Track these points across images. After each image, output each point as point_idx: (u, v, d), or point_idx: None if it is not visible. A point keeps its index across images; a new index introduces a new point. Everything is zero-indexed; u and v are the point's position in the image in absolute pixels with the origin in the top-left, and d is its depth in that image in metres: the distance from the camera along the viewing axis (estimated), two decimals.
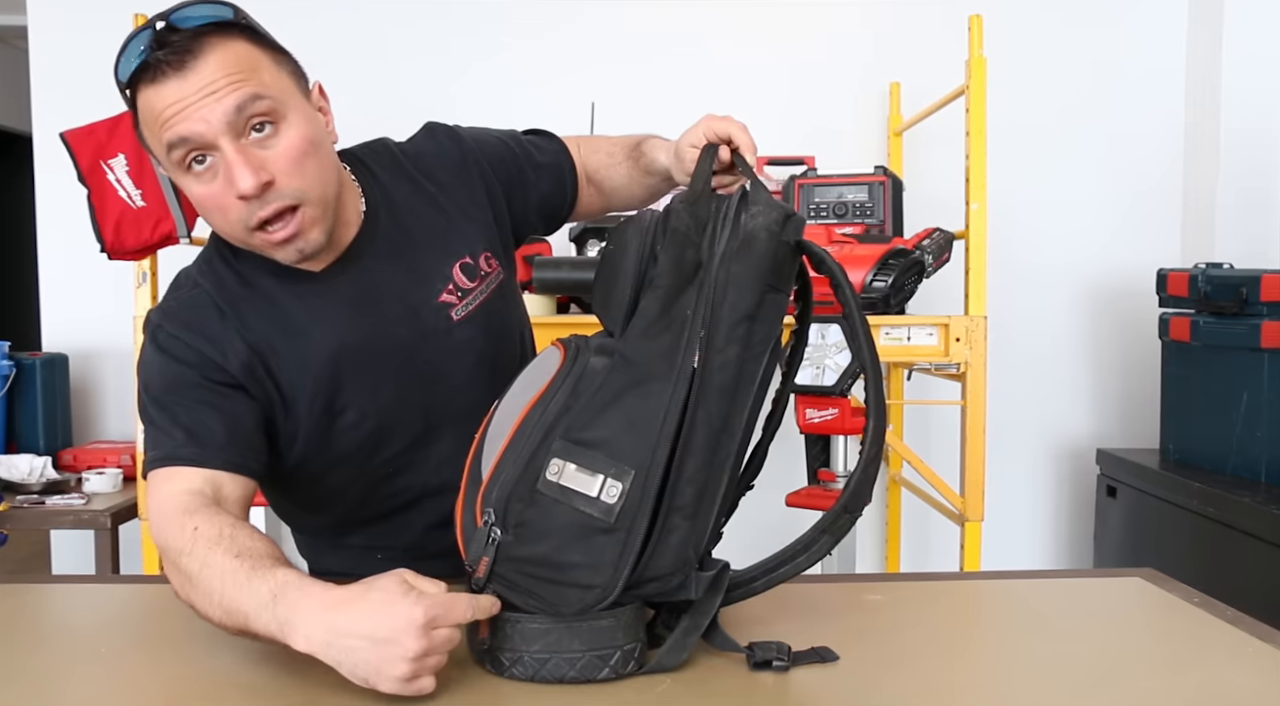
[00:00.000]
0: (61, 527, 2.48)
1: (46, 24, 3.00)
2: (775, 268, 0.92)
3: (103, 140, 2.12)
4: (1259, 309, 2.39)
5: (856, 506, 0.94)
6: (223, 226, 1.07)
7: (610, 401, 0.90)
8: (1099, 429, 3.16)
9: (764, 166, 2.84)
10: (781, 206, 0.93)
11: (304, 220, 1.05)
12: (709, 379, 0.89)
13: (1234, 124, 2.95)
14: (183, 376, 1.08)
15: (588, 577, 0.87)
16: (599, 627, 0.88)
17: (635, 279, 0.94)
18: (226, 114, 0.99)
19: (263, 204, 1.02)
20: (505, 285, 1.26)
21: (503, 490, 0.89)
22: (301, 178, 1.04)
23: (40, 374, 2.77)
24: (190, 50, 0.99)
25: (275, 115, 1.03)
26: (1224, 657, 0.96)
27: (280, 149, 1.03)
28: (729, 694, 0.86)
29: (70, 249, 2.92)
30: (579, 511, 0.87)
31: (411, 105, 3.00)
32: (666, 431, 0.88)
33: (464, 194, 1.25)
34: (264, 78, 1.04)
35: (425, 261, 1.19)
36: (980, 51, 2.27)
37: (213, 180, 1.02)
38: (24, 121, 3.16)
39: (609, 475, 0.87)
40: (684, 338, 0.90)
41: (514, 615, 0.89)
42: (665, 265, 0.93)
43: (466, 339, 1.20)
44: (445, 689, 0.88)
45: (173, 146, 1.00)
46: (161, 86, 0.99)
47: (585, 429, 0.89)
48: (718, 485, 0.91)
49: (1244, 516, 2.26)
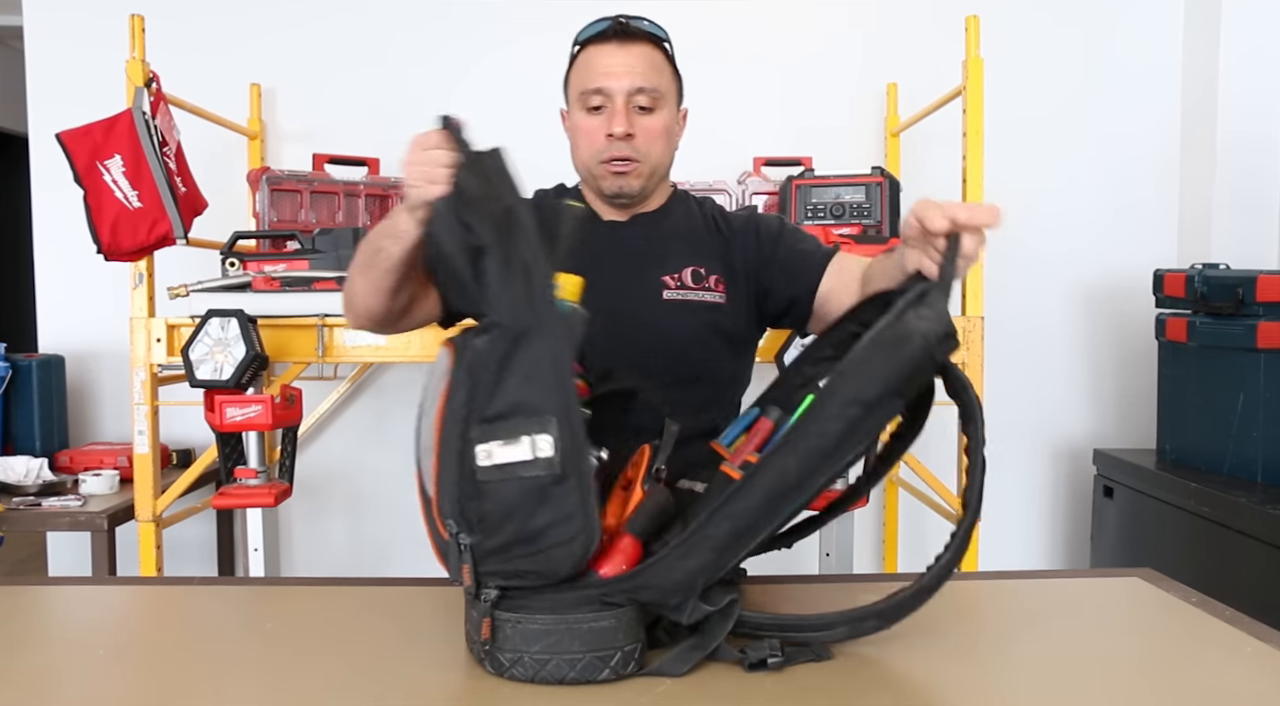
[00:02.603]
0: (58, 529, 2.48)
1: (42, 24, 3.00)
2: (911, 376, 0.91)
3: (99, 141, 2.12)
4: (1255, 309, 2.40)
5: (893, 618, 0.95)
6: (585, 148, 1.49)
7: (503, 368, 0.91)
8: (1096, 429, 3.16)
9: (761, 167, 2.84)
10: (947, 323, 0.92)
11: (636, 170, 1.47)
12: (803, 436, 0.90)
13: (1231, 125, 2.95)
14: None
15: (563, 532, 0.88)
16: (599, 628, 0.88)
17: (464, 255, 0.99)
18: (632, 86, 1.44)
19: (619, 147, 1.45)
20: (723, 317, 1.50)
21: (450, 498, 0.90)
22: (649, 145, 1.47)
23: (37, 375, 2.77)
24: (633, 37, 1.45)
25: (656, 104, 1.46)
26: (1222, 657, 0.96)
27: (648, 123, 1.46)
28: (727, 695, 0.86)
29: (67, 250, 2.92)
30: (524, 478, 0.88)
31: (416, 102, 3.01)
32: (561, 364, 0.91)
33: (735, 248, 1.53)
34: (663, 79, 1.48)
35: (672, 251, 1.52)
36: (977, 52, 2.27)
37: (598, 118, 1.46)
38: (20, 122, 3.15)
39: (532, 433, 0.88)
40: (534, 279, 0.95)
41: (514, 616, 0.89)
42: (481, 227, 0.97)
43: (662, 317, 1.47)
44: (446, 689, 0.88)
45: (587, 91, 1.45)
46: (603, 47, 1.45)
47: (491, 404, 0.90)
48: (757, 534, 0.90)
49: (1240, 516, 2.27)
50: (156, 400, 2.27)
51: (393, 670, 0.93)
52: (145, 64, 2.19)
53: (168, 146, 2.20)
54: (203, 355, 2.09)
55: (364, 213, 2.76)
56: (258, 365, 2.10)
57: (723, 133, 3.02)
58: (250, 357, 2.07)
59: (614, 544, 0.96)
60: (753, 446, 1.06)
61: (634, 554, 0.95)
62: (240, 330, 2.08)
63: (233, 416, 2.07)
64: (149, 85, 2.18)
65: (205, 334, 2.09)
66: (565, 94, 1.54)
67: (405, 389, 3.01)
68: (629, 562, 0.93)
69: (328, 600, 1.15)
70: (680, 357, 1.48)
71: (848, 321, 1.15)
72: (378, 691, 0.88)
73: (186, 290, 2.23)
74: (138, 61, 2.18)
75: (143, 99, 2.15)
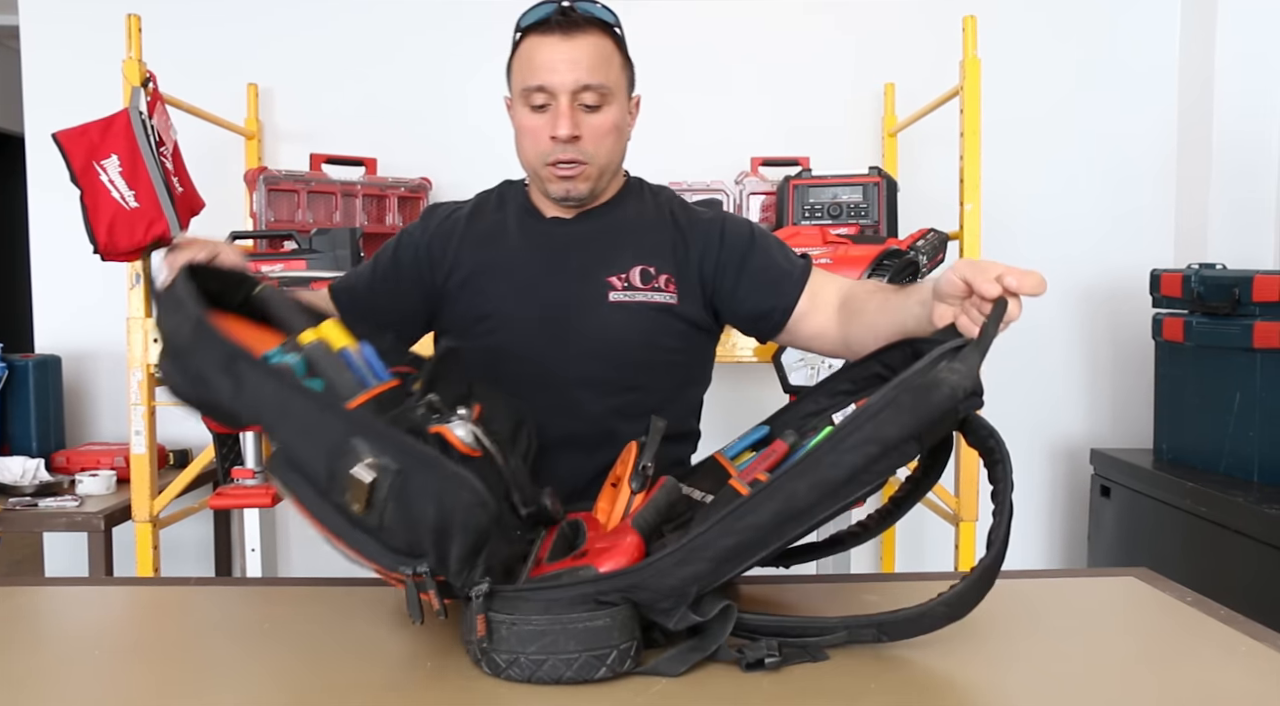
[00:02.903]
0: (55, 530, 2.47)
1: (38, 24, 2.99)
2: (932, 424, 0.91)
3: (95, 141, 2.12)
4: (1251, 309, 2.40)
5: (892, 635, 0.95)
6: (529, 149, 1.40)
7: (296, 438, 0.93)
8: (1093, 429, 3.17)
9: (758, 167, 2.85)
10: (977, 381, 0.93)
11: (583, 173, 1.39)
12: (817, 464, 0.90)
13: (1227, 125, 2.96)
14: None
15: (456, 504, 0.87)
16: (595, 628, 0.88)
17: (207, 388, 0.98)
18: (577, 83, 1.34)
19: (564, 150, 1.36)
20: (675, 318, 1.42)
21: (372, 551, 0.90)
22: (597, 146, 1.38)
23: (33, 375, 2.77)
24: (578, 27, 1.34)
25: (604, 101, 1.37)
26: (1217, 656, 0.96)
27: (596, 122, 1.37)
28: (724, 695, 0.86)
29: (63, 250, 2.92)
30: (387, 498, 0.88)
31: (413, 102, 3.01)
32: (327, 400, 0.95)
33: (693, 245, 1.45)
34: (611, 72, 1.38)
35: (620, 249, 1.43)
36: (974, 52, 2.27)
37: (542, 117, 1.36)
38: (16, 122, 3.15)
39: (350, 469, 0.88)
40: (240, 362, 0.95)
41: (508, 617, 0.88)
42: (199, 357, 0.98)
43: (608, 320, 1.40)
44: (444, 689, 0.88)
45: (529, 88, 1.35)
46: (545, 39, 1.34)
47: (314, 470, 0.91)
48: (757, 552, 0.91)
49: (1237, 516, 2.27)
50: (153, 400, 2.27)
51: (391, 670, 0.93)
52: (142, 64, 2.19)
53: (164, 146, 2.20)
54: None
55: (361, 212, 2.76)
56: None
57: (720, 133, 3.02)
58: None
59: (617, 541, 0.96)
60: (764, 466, 1.06)
61: (636, 552, 0.95)
62: None
63: None
64: (145, 85, 2.18)
65: None
66: (508, 81, 1.44)
67: None
68: (630, 561, 0.93)
69: (325, 600, 1.15)
70: (627, 362, 1.42)
71: (872, 361, 1.15)
72: (376, 692, 0.88)
73: None
74: (134, 61, 2.18)
75: (139, 99, 2.14)
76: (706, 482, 1.14)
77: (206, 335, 0.96)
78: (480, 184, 1.57)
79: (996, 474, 0.94)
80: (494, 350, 1.41)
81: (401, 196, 2.82)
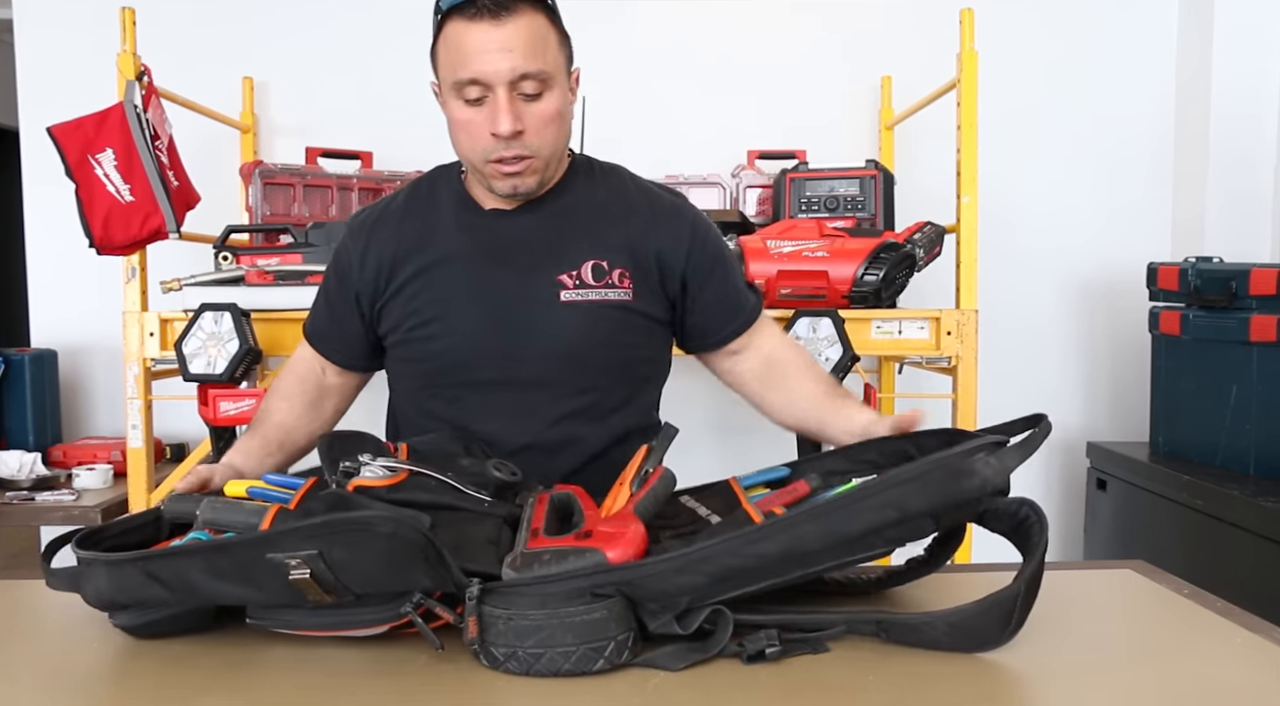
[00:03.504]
0: (51, 524, 2.47)
1: (33, 17, 2.98)
2: (954, 508, 0.93)
3: (91, 135, 2.11)
4: (1248, 303, 2.40)
5: (890, 635, 0.96)
6: (466, 146, 1.29)
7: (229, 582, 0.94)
8: (1089, 422, 3.17)
9: (755, 160, 2.84)
10: (1007, 481, 0.94)
11: (529, 166, 1.28)
12: (834, 514, 0.90)
13: (1224, 117, 2.96)
14: None
15: (389, 531, 0.88)
16: (592, 621, 0.87)
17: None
18: (514, 73, 1.21)
19: (507, 146, 1.25)
20: (631, 314, 1.36)
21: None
22: (542, 137, 1.27)
23: (29, 370, 2.76)
24: (507, 8, 1.20)
25: (545, 86, 1.24)
26: (1213, 648, 0.96)
27: (538, 111, 1.25)
28: (723, 688, 0.86)
29: (59, 244, 2.91)
30: (328, 569, 0.89)
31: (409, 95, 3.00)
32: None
33: (649, 238, 1.37)
34: (549, 54, 1.24)
35: (569, 242, 1.35)
36: (971, 45, 2.27)
37: (478, 111, 1.24)
38: (11, 116, 3.14)
39: (291, 564, 0.88)
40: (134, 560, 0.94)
41: (504, 612, 0.88)
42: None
43: (561, 320, 1.32)
44: (442, 681, 0.88)
45: (461, 81, 1.23)
46: (474, 24, 1.20)
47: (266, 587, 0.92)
48: (755, 582, 0.91)
49: (1233, 508, 2.27)
50: (150, 394, 2.27)
51: (389, 663, 0.93)
52: (137, 57, 2.18)
53: (160, 140, 2.19)
54: (196, 349, 2.08)
55: (357, 206, 2.75)
56: (251, 359, 2.10)
57: (717, 126, 3.02)
58: (243, 351, 2.07)
59: (623, 528, 0.96)
60: (782, 501, 1.06)
61: (641, 542, 0.94)
62: (233, 324, 2.08)
63: (226, 410, 2.07)
64: (140, 78, 2.17)
65: (198, 328, 2.09)
66: (434, 69, 1.31)
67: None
68: (637, 550, 0.93)
69: None
70: (584, 364, 1.35)
71: (906, 441, 1.17)
72: (374, 684, 0.88)
73: (179, 284, 2.22)
74: (129, 55, 2.17)
75: (134, 92, 2.14)
76: (716, 502, 1.12)
77: (116, 572, 0.94)
78: None
79: (1033, 539, 0.97)
80: (438, 356, 1.36)
81: (397, 189, 2.81)
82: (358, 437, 1.17)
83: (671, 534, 1.08)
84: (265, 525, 0.97)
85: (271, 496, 1.08)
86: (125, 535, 1.07)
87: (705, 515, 1.10)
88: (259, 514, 1.00)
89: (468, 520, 1.03)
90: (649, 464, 1.08)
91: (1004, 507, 1.00)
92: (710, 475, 1.22)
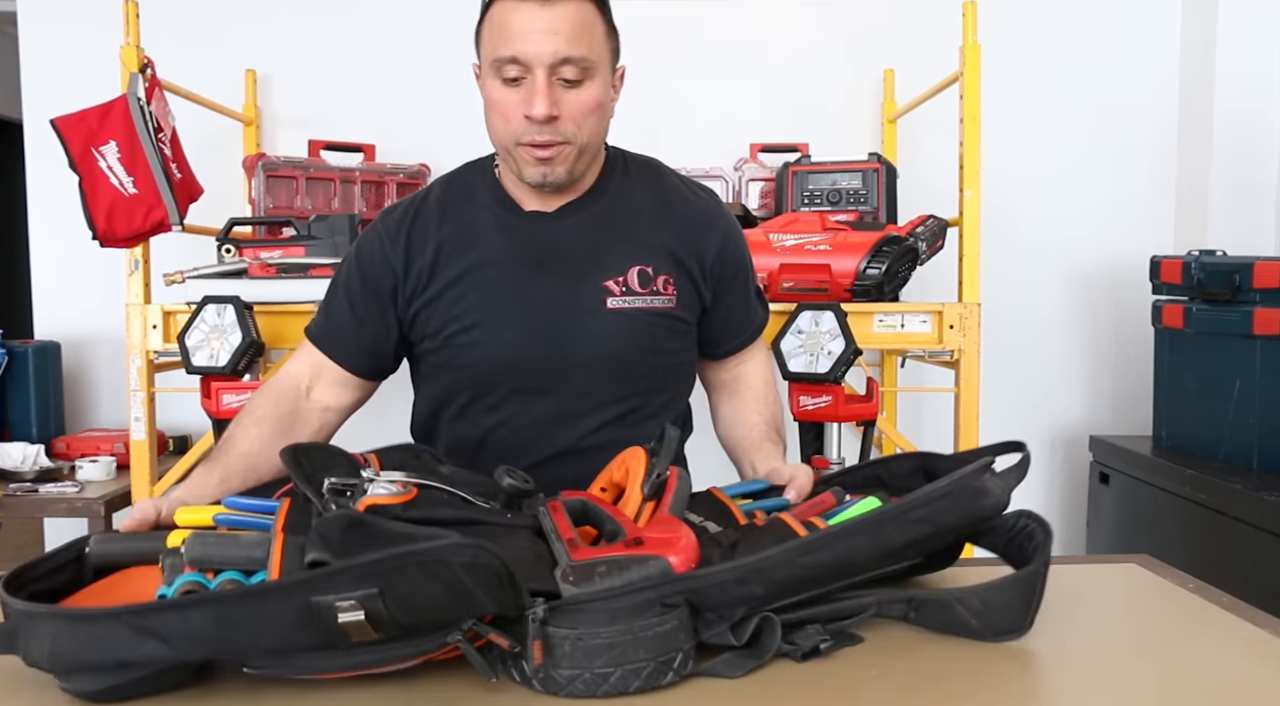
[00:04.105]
0: (55, 515, 2.47)
1: (36, 10, 2.98)
2: (974, 523, 0.98)
3: (94, 127, 2.11)
4: (1252, 296, 2.40)
5: (920, 615, 0.99)
6: (499, 128, 1.27)
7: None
8: (1092, 416, 3.17)
9: (758, 153, 2.84)
10: (1008, 500, 0.98)
11: (562, 154, 1.25)
12: (880, 528, 0.92)
13: (1228, 111, 2.95)
14: None
15: (458, 559, 0.80)
16: (665, 632, 0.82)
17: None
18: (556, 56, 1.20)
19: (540, 131, 1.23)
20: (674, 321, 1.36)
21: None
22: (579, 126, 1.25)
23: (33, 362, 2.76)
24: None
25: (586, 74, 1.23)
26: (1217, 643, 0.96)
27: (577, 99, 1.23)
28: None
29: (62, 236, 2.91)
30: (358, 612, 0.78)
31: (412, 88, 3.00)
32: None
33: (686, 242, 1.36)
34: (594, 43, 1.23)
35: (613, 247, 1.33)
36: (974, 37, 2.26)
37: (515, 91, 1.23)
38: (14, 108, 3.14)
39: (342, 607, 0.78)
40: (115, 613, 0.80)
41: (571, 632, 0.81)
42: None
43: (608, 329, 1.31)
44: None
45: (501, 59, 1.21)
46: (522, 4, 1.20)
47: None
48: (804, 590, 0.91)
49: (1236, 502, 2.27)
50: (153, 386, 2.27)
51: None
52: (140, 49, 2.18)
53: (163, 132, 2.19)
54: (199, 342, 2.08)
55: (360, 199, 2.75)
56: (254, 351, 2.10)
57: (719, 118, 3.01)
58: (246, 344, 2.07)
59: (673, 533, 0.91)
60: (816, 513, 1.05)
61: (696, 548, 0.90)
62: (236, 316, 2.08)
63: (229, 403, 2.07)
64: (144, 71, 2.17)
65: (201, 320, 2.09)
66: (476, 48, 1.30)
67: (403, 374, 3.00)
68: (694, 553, 0.89)
69: None
70: (627, 371, 1.34)
71: (876, 465, 1.20)
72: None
73: (182, 277, 2.22)
74: (132, 47, 2.17)
75: (137, 85, 2.14)
76: (706, 510, 1.10)
77: (86, 629, 0.80)
78: None
79: (1036, 540, 1.01)
80: (479, 364, 1.33)
81: (400, 182, 2.82)
82: (321, 450, 1.08)
83: (701, 518, 1.08)
84: (275, 561, 0.86)
85: (245, 524, 0.97)
86: (46, 579, 0.94)
87: (699, 522, 1.06)
88: (261, 545, 0.89)
89: (498, 535, 0.95)
90: (659, 467, 1.04)
91: (1002, 523, 1.04)
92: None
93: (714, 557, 0.92)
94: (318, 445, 1.10)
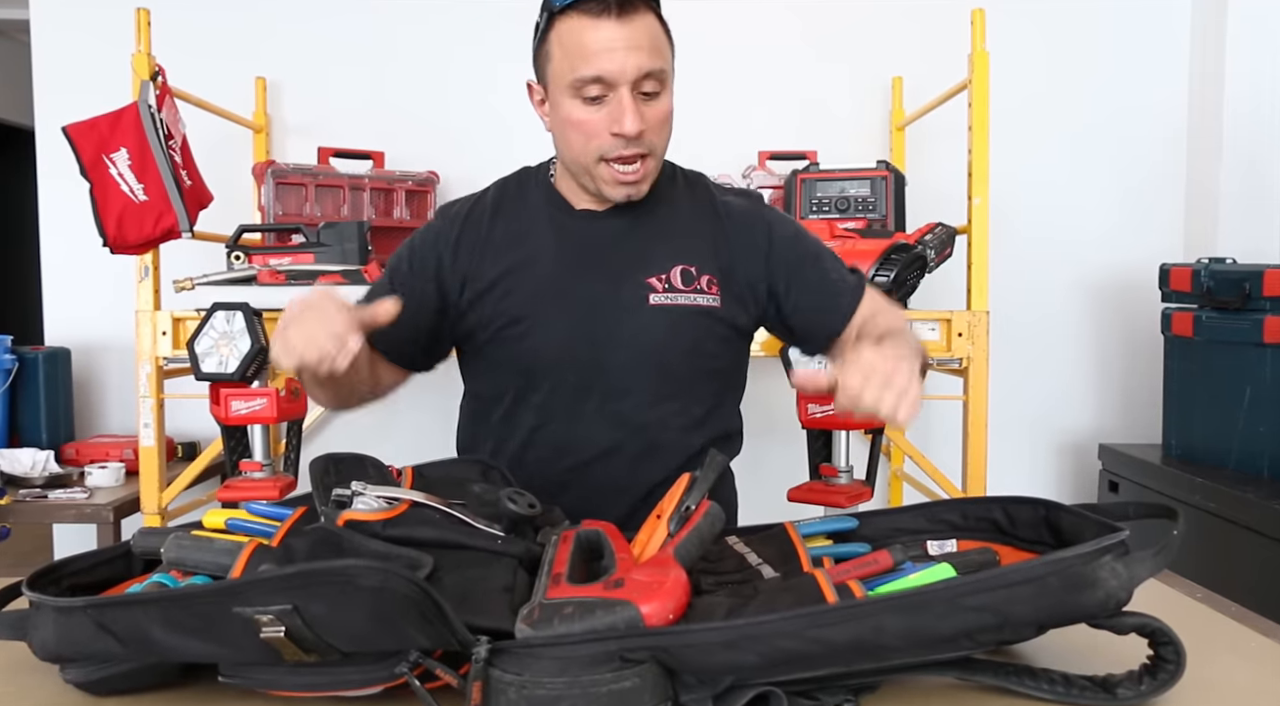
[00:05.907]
0: (64, 521, 2.48)
1: (49, 18, 3.00)
2: (1067, 620, 0.83)
3: (105, 134, 2.12)
4: (1262, 304, 2.39)
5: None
6: (579, 146, 1.26)
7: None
8: (1101, 424, 3.16)
9: (766, 160, 2.84)
10: (1129, 595, 0.83)
11: (647, 169, 1.27)
12: (926, 609, 0.78)
13: (1237, 117, 2.94)
14: None
15: (375, 581, 0.78)
16: (621, 691, 0.74)
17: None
18: (640, 70, 1.20)
19: (627, 145, 1.23)
20: (717, 321, 1.34)
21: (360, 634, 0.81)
22: (659, 137, 1.27)
23: (43, 368, 2.77)
24: (632, 6, 1.19)
25: (663, 85, 1.25)
26: (1228, 652, 0.96)
27: (656, 111, 1.25)
28: None
29: (73, 243, 2.92)
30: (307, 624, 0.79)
31: (420, 96, 3.01)
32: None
33: (726, 248, 1.36)
34: (666, 53, 1.25)
35: (658, 246, 1.34)
36: (983, 45, 2.26)
37: (598, 110, 1.23)
38: (26, 115, 3.16)
39: (265, 618, 0.78)
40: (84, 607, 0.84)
41: (516, 678, 0.75)
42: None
43: (649, 324, 1.31)
44: None
45: (584, 78, 1.20)
46: (599, 22, 1.19)
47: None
48: (813, 668, 0.80)
49: (1246, 511, 2.26)
50: (162, 393, 2.27)
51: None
52: (151, 57, 2.19)
53: (173, 140, 2.20)
54: (208, 348, 2.08)
55: (369, 206, 2.76)
56: (263, 358, 2.10)
57: (728, 126, 3.01)
58: (255, 351, 2.07)
59: (660, 576, 0.83)
60: (859, 574, 0.92)
61: (683, 593, 0.81)
62: (245, 323, 2.08)
63: (238, 409, 2.07)
64: (155, 78, 2.18)
65: (210, 327, 2.09)
66: (539, 69, 1.29)
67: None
68: (677, 602, 0.80)
69: None
70: (669, 370, 1.33)
71: (995, 505, 1.05)
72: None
73: (192, 283, 2.23)
74: (144, 55, 2.18)
75: (148, 92, 2.15)
76: (769, 550, 1.02)
77: (64, 620, 0.84)
78: (488, 178, 1.48)
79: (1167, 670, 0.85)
80: (526, 357, 1.34)
81: (409, 190, 2.82)
82: (357, 461, 1.06)
83: (715, 580, 0.97)
84: (238, 568, 0.86)
85: (252, 529, 0.98)
86: (88, 573, 0.97)
87: (756, 564, 0.98)
88: (232, 553, 0.88)
89: (478, 562, 0.91)
90: (691, 498, 0.94)
91: (1115, 625, 0.84)
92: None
93: (717, 612, 0.81)
94: (354, 456, 1.08)
